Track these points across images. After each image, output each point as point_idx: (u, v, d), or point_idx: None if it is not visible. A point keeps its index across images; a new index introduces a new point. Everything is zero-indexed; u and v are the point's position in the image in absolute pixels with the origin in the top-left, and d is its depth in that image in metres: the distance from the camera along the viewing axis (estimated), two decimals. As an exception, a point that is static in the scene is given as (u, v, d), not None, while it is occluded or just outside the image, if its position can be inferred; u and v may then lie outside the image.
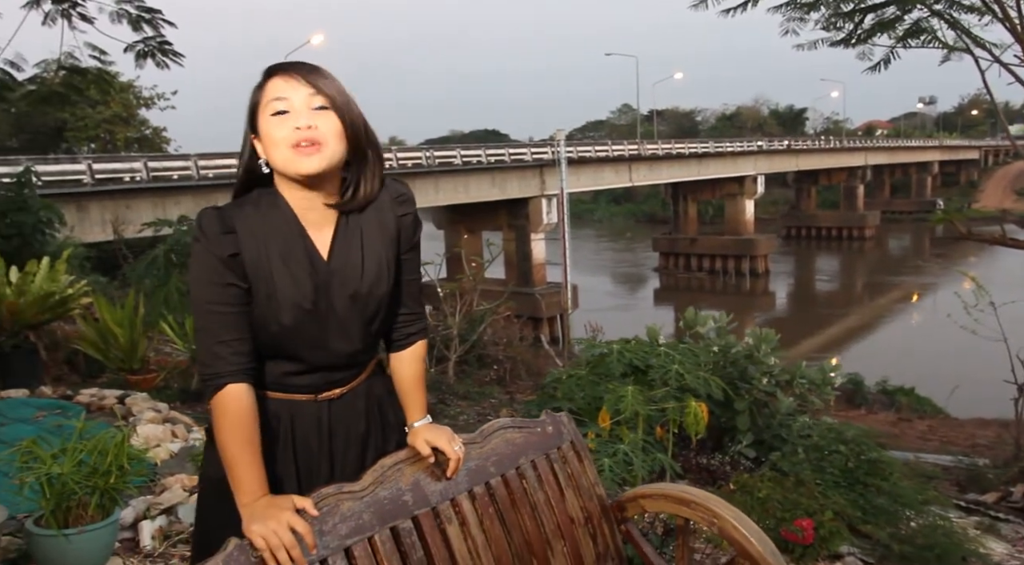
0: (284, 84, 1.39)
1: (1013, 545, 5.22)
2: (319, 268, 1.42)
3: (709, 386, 3.51)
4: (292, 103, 1.38)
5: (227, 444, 1.34)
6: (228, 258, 1.35)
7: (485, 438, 1.47)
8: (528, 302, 23.37)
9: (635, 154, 33.82)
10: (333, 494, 1.27)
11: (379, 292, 1.46)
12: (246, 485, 1.32)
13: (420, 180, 24.62)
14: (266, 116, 1.38)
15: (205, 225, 1.37)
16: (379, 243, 1.47)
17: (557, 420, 1.60)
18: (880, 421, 14.11)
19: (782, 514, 3.31)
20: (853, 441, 4.47)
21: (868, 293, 35.90)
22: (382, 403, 1.57)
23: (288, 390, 1.45)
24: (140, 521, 2.79)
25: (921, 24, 7.06)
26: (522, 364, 11.76)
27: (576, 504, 1.52)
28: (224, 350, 1.35)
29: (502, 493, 1.42)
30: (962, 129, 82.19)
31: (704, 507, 1.45)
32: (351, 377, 1.51)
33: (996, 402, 13.87)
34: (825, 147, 49.21)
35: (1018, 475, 7.59)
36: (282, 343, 1.41)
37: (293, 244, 1.41)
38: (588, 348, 3.88)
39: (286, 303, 1.38)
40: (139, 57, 8.48)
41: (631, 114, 73.45)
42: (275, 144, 1.37)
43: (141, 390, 5.08)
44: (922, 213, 58.68)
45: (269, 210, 1.41)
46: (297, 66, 1.41)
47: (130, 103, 28.64)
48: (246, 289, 1.37)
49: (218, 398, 1.36)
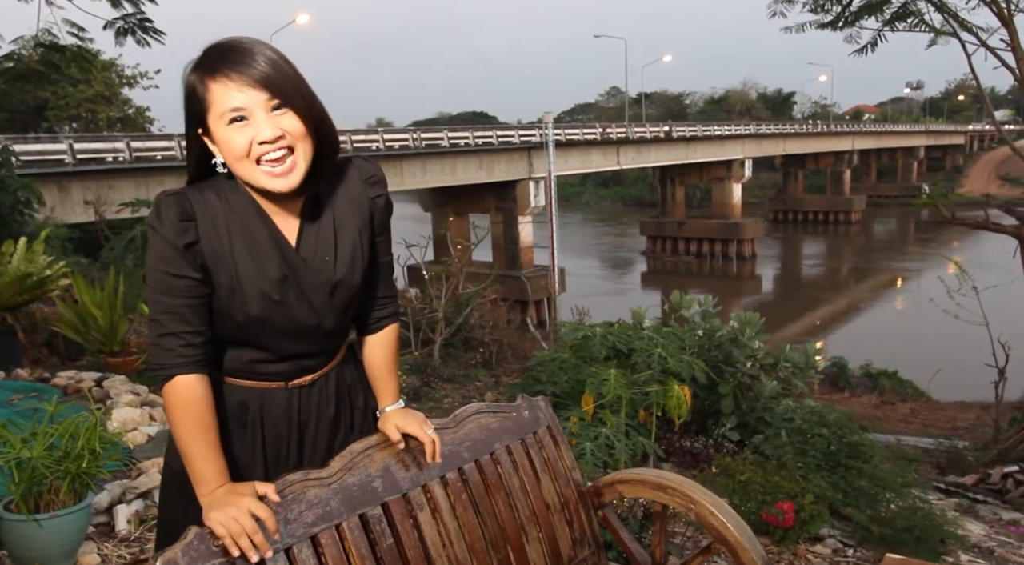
0: (234, 88, 1.25)
1: (990, 526, 5.28)
2: (288, 257, 1.35)
3: (692, 369, 3.50)
4: (250, 110, 1.26)
5: (181, 435, 1.30)
6: (184, 248, 1.27)
7: (459, 423, 1.44)
8: (515, 285, 23.37)
9: (623, 137, 33.73)
10: (299, 481, 1.23)
11: (354, 280, 1.41)
12: (204, 475, 1.28)
13: (407, 162, 24.47)
14: (221, 125, 1.27)
15: (163, 211, 1.28)
16: (353, 227, 1.42)
17: (533, 404, 1.57)
18: (863, 404, 14.25)
19: (763, 497, 3.32)
20: (835, 424, 4.48)
21: (853, 277, 36.13)
22: (353, 388, 1.53)
23: (257, 377, 1.41)
24: (115, 505, 2.76)
25: (909, 7, 7.03)
26: (508, 347, 11.77)
27: (552, 489, 1.50)
28: (172, 342, 1.29)
29: (476, 479, 1.39)
30: (948, 114, 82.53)
31: (681, 493, 1.43)
32: (322, 363, 1.46)
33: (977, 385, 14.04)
34: (812, 131, 49.28)
35: (996, 457, 7.68)
36: (249, 333, 1.36)
37: (258, 233, 1.34)
38: (572, 331, 3.86)
39: (252, 294, 1.32)
40: (119, 34, 8.33)
41: (620, 97, 73.25)
42: (237, 157, 1.28)
43: (121, 373, 5.02)
44: (908, 198, 58.99)
45: (232, 195, 1.34)
46: (240, 63, 1.25)
47: (112, 82, 28.22)
48: (201, 281, 1.30)
49: (167, 389, 1.31)
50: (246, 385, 1.40)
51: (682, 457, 5.42)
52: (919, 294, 29.68)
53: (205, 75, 1.27)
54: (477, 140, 26.84)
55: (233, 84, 1.26)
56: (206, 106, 1.28)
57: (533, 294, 23.79)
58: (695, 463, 5.38)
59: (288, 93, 1.28)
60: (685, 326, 6.16)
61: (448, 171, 26.26)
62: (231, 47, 1.28)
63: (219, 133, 1.28)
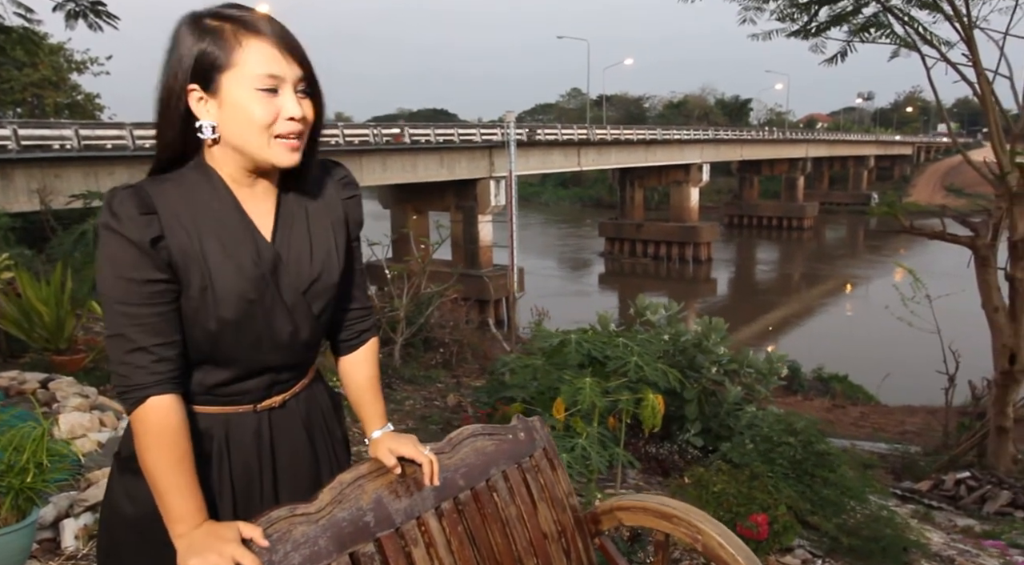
0: (277, 55, 1.15)
1: (947, 533, 5.37)
2: (264, 253, 1.22)
3: (667, 378, 3.44)
4: (284, 82, 1.16)
5: (154, 467, 1.14)
6: (150, 245, 1.12)
7: (454, 447, 1.34)
8: (475, 284, 23.24)
9: (584, 139, 33.84)
10: (285, 517, 1.11)
11: (331, 281, 1.30)
12: (181, 513, 1.13)
13: (367, 158, 24.14)
14: (247, 87, 1.14)
15: (117, 206, 1.12)
16: (327, 228, 1.31)
17: (529, 426, 1.48)
18: (816, 408, 14.51)
19: (737, 509, 3.28)
20: (803, 432, 4.48)
21: (805, 282, 36.86)
22: (327, 414, 1.40)
23: (222, 402, 1.25)
24: (62, 520, 2.57)
25: (880, 18, 7.12)
26: (468, 347, 11.65)
27: (549, 517, 1.41)
28: (144, 358, 1.13)
29: (471, 509, 1.29)
30: (897, 125, 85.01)
31: (687, 522, 1.35)
32: (295, 380, 1.33)
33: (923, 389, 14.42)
34: (768, 138, 50.18)
35: (948, 463, 7.85)
36: (219, 343, 1.20)
37: (231, 224, 1.20)
38: (545, 337, 3.77)
39: (227, 294, 1.17)
40: (70, 17, 7.99)
41: (580, 98, 73.60)
42: (257, 126, 1.15)
43: (67, 372, 4.77)
44: (858, 205, 60.71)
45: (197, 185, 1.19)
46: (285, 32, 1.17)
47: (60, 67, 27.23)
48: (171, 283, 1.15)
49: (139, 414, 1.15)
50: (209, 412, 1.24)
51: (648, 463, 5.39)
52: (868, 300, 30.45)
53: (242, 29, 1.14)
54: (438, 137, 26.64)
55: (277, 50, 1.15)
56: (228, 62, 1.14)
57: (493, 293, 23.70)
58: (661, 470, 5.35)
59: (315, 78, 1.20)
60: (651, 330, 6.14)
61: (409, 168, 26.00)
62: (263, 15, 1.17)
63: (239, 95, 1.14)
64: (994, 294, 7.67)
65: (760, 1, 7.28)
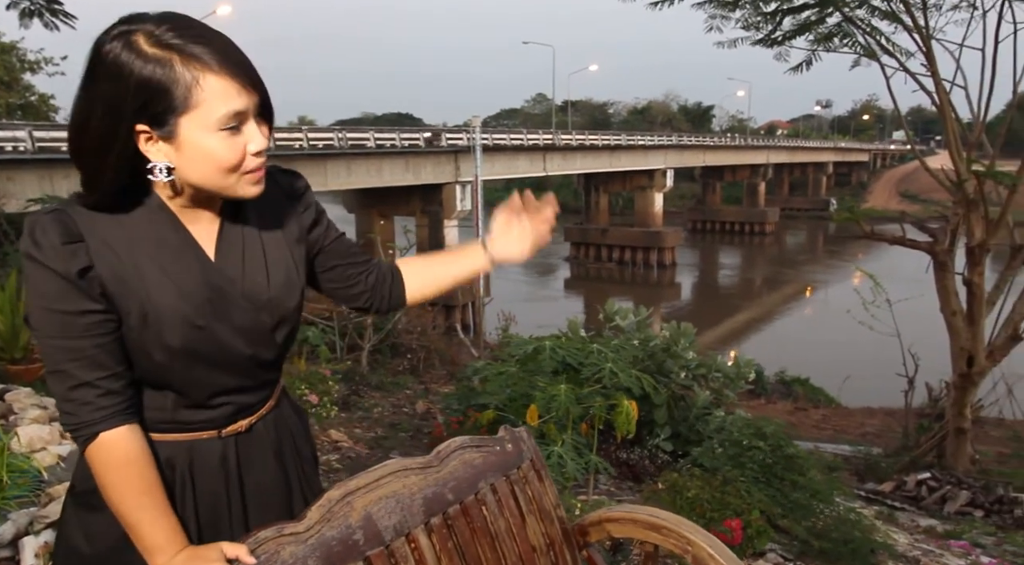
0: (238, 89, 1.03)
1: (911, 534, 5.47)
2: (210, 273, 1.12)
3: (640, 384, 3.45)
4: (246, 116, 1.05)
5: (121, 503, 1.06)
6: (77, 276, 1.02)
7: (442, 460, 1.31)
8: (441, 289, 23.08)
9: (550, 144, 33.98)
10: (272, 537, 1.07)
11: (290, 301, 1.21)
12: (157, 544, 1.06)
13: (332, 162, 23.92)
14: (210, 129, 1.02)
15: (38, 235, 1.01)
16: (283, 244, 1.22)
17: (516, 436, 1.45)
18: (779, 411, 14.72)
19: (711, 514, 3.29)
20: (772, 436, 4.53)
21: (767, 286, 37.45)
22: (297, 435, 1.33)
23: (184, 428, 1.16)
24: (21, 537, 2.47)
25: (844, 28, 7.27)
26: (436, 353, 11.60)
27: (538, 530, 1.38)
28: (89, 394, 1.05)
29: (461, 524, 1.26)
30: (854, 133, 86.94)
31: (677, 533, 1.34)
32: (260, 402, 1.24)
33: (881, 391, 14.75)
34: (731, 144, 50.95)
35: (909, 465, 8.01)
36: (169, 371, 1.10)
37: (170, 245, 1.10)
38: (519, 344, 3.75)
39: (172, 321, 1.07)
40: (24, 15, 7.78)
41: (546, 104, 73.89)
42: (219, 167, 1.04)
43: (24, 382, 4.61)
44: (817, 211, 61.95)
45: (128, 206, 1.08)
46: (241, 59, 1.04)
47: (13, 66, 26.47)
48: (106, 311, 1.05)
49: (92, 452, 1.07)
50: (171, 440, 1.15)
51: (619, 469, 5.40)
52: (827, 303, 31.05)
53: (195, 63, 1.00)
54: (404, 142, 26.51)
55: (237, 84, 1.03)
56: (187, 105, 1.00)
57: (460, 299, 23.64)
58: (632, 475, 5.36)
59: (269, 100, 1.10)
60: (620, 335, 6.16)
61: (374, 172, 25.82)
62: (213, 36, 1.03)
63: (201, 139, 1.02)
64: (952, 298, 7.86)
65: (727, 10, 7.39)
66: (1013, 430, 9.98)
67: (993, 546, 5.16)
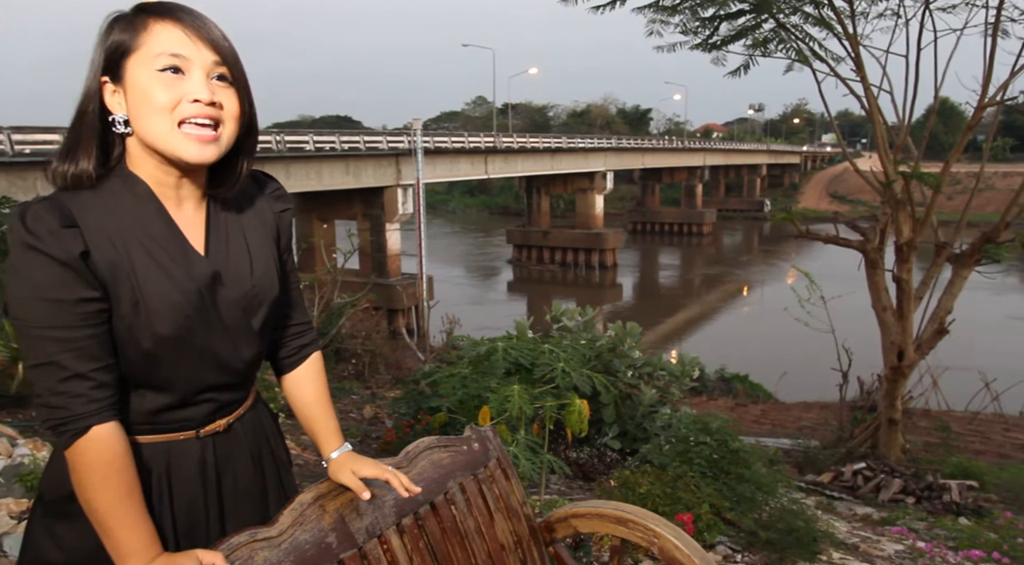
0: (184, 37, 1.08)
1: (849, 522, 5.67)
2: (197, 264, 1.14)
3: (592, 383, 3.49)
4: (191, 64, 1.08)
5: (100, 505, 1.05)
6: (76, 260, 1.02)
7: (411, 461, 1.30)
8: (384, 293, 22.94)
9: (491, 147, 34.03)
10: (246, 543, 1.05)
11: (271, 294, 1.23)
12: (132, 549, 1.05)
13: (270, 165, 23.44)
14: (149, 68, 1.06)
15: (32, 222, 1.01)
16: (263, 241, 1.24)
17: (483, 435, 1.46)
18: (721, 407, 15.06)
19: (663, 509, 3.35)
20: (718, 432, 4.64)
21: (706, 286, 38.27)
22: (273, 438, 1.33)
23: (162, 429, 1.16)
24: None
25: (779, 34, 7.50)
26: (380, 358, 11.49)
27: (506, 528, 1.39)
28: (82, 386, 1.04)
29: (432, 523, 1.26)
30: (785, 136, 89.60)
31: (643, 526, 1.36)
32: (238, 402, 1.25)
33: (816, 386, 15.23)
34: (669, 147, 51.90)
35: (846, 455, 8.30)
36: (157, 363, 1.11)
37: (159, 234, 1.11)
38: (472, 346, 3.75)
39: (161, 309, 1.08)
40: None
41: (486, 106, 74.04)
42: (156, 108, 1.06)
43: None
44: (753, 211, 63.72)
45: (119, 194, 1.09)
46: (197, 16, 1.10)
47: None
48: (103, 301, 1.05)
49: (80, 448, 1.05)
50: (148, 441, 1.15)
51: (570, 468, 5.44)
52: (764, 302, 31.93)
53: (150, 15, 1.08)
54: (344, 145, 26.17)
55: (183, 32, 1.09)
56: (133, 46, 1.07)
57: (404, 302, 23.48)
58: (583, 474, 5.42)
59: (236, 67, 1.13)
60: (568, 336, 6.22)
61: (314, 176, 25.43)
62: (185, 6, 1.11)
63: (140, 77, 1.07)
64: (883, 294, 8.18)
65: (666, 14, 7.54)
66: (939, 420, 10.42)
67: (925, 531, 5.39)
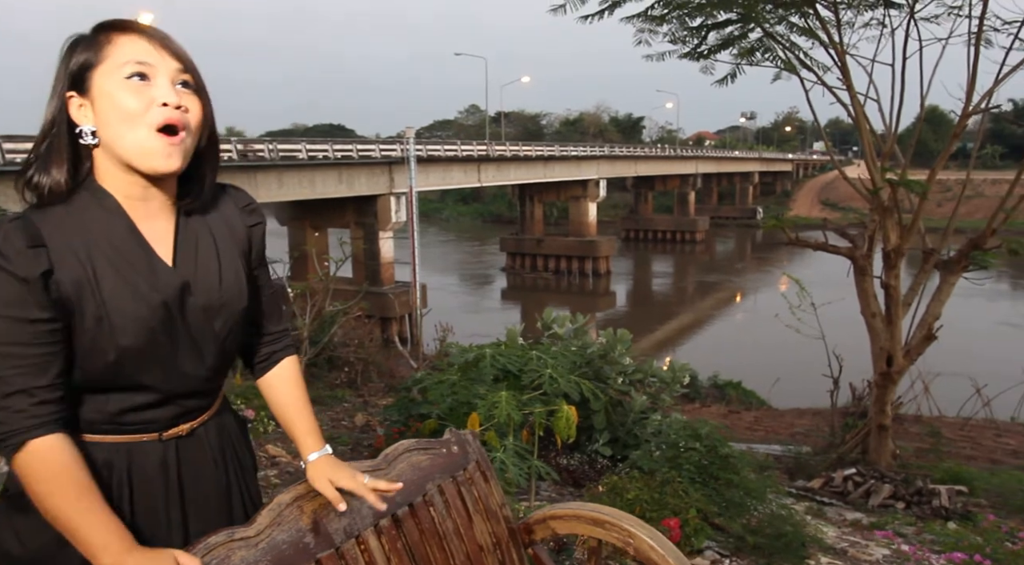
0: (148, 46, 1.12)
1: (839, 528, 5.69)
2: (163, 276, 1.16)
3: (580, 389, 3.51)
4: (156, 71, 1.12)
5: (57, 511, 1.05)
6: (38, 280, 1.05)
7: (390, 463, 1.33)
8: (377, 301, 22.95)
9: (484, 155, 34.10)
10: (223, 543, 1.07)
11: (239, 305, 1.25)
12: (103, 544, 1.05)
13: (262, 174, 23.46)
14: (116, 77, 1.10)
15: (2, 242, 1.04)
16: (233, 254, 1.26)
17: (462, 439, 1.48)
18: (713, 413, 15.07)
19: (651, 514, 3.37)
20: (707, 438, 4.67)
21: (699, 293, 38.37)
22: (238, 443, 1.35)
23: (125, 430, 1.17)
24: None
25: (765, 43, 7.57)
26: (373, 366, 11.49)
27: (484, 529, 1.41)
28: (23, 401, 1.05)
29: (410, 525, 1.28)
30: (777, 143, 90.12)
31: (619, 527, 1.39)
32: (203, 408, 1.26)
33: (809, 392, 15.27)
34: (661, 155, 52.11)
35: (836, 461, 8.33)
36: (121, 371, 1.13)
37: (125, 248, 1.13)
38: (461, 353, 3.78)
39: (124, 321, 1.11)
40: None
41: (479, 115, 74.19)
42: (127, 114, 1.09)
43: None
44: (745, 219, 63.93)
45: (87, 208, 1.12)
46: (157, 30, 1.15)
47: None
48: (57, 322, 1.08)
49: (21, 461, 1.06)
50: (110, 442, 1.16)
51: (560, 475, 5.46)
52: (756, 308, 32.02)
53: (112, 30, 1.14)
54: (337, 153, 26.19)
55: (147, 42, 1.13)
56: (98, 59, 1.11)
57: (396, 310, 23.48)
58: (573, 481, 5.43)
59: (197, 75, 1.17)
60: (559, 343, 6.25)
61: (307, 184, 25.42)
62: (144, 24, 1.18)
63: (107, 85, 1.11)
64: (871, 301, 8.22)
65: (654, 24, 7.60)
66: (930, 426, 10.48)
67: (913, 535, 5.42)
